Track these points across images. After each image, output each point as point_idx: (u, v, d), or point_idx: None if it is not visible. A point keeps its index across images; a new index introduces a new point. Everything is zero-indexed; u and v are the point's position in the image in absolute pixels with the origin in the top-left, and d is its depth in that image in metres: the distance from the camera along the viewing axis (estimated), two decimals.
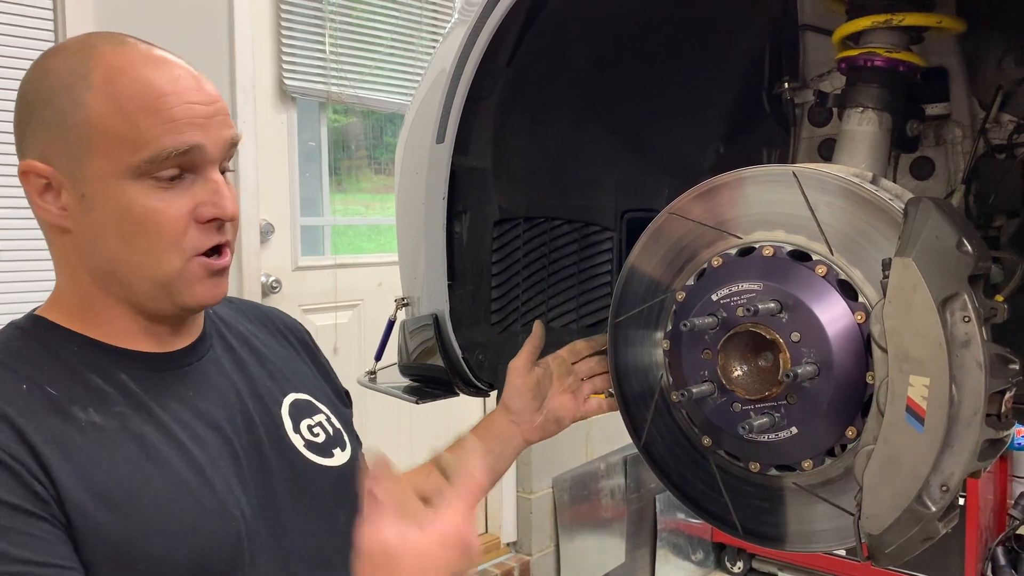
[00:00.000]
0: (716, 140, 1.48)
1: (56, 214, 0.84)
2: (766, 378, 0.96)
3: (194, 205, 0.84)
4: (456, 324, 1.33)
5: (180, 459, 0.83)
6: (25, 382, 0.80)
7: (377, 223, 3.33)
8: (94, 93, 0.81)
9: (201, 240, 0.85)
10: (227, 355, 0.97)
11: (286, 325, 1.11)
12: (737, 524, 1.04)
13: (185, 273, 0.84)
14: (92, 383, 0.83)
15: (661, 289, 1.08)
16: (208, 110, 0.84)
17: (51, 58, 0.86)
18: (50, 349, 0.84)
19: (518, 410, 1.21)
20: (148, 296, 0.85)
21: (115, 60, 0.82)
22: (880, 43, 1.09)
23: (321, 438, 1.00)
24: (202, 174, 0.84)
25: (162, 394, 0.87)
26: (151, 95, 0.81)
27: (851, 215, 0.93)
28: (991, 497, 3.44)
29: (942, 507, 0.84)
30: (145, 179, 0.81)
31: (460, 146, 1.28)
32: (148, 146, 0.80)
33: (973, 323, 0.82)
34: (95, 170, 0.81)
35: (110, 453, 0.79)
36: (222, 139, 0.85)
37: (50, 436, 0.77)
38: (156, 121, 0.80)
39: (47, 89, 0.83)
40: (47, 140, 0.83)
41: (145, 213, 0.81)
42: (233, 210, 0.86)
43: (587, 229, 1.49)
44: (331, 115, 3.05)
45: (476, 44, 1.23)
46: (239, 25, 2.51)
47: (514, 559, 3.40)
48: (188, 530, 0.80)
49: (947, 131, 1.21)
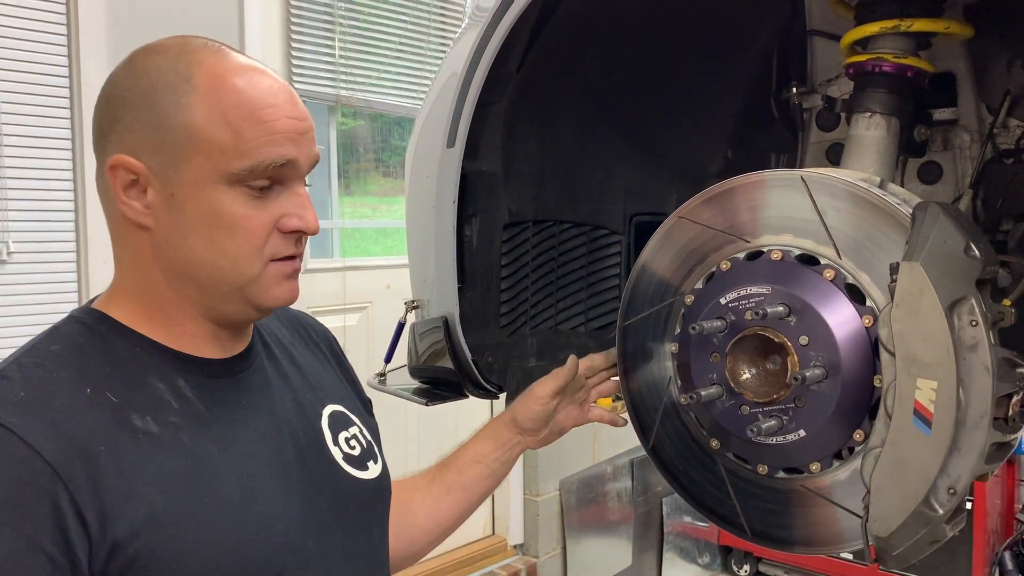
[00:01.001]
0: (725, 144, 1.49)
1: (139, 211, 0.83)
2: (774, 381, 0.97)
3: (280, 215, 0.85)
4: (466, 327, 1.34)
5: (228, 473, 0.84)
6: (90, 385, 0.80)
7: (385, 226, 3.34)
8: (197, 96, 0.81)
9: (279, 248, 0.86)
10: (272, 364, 0.97)
11: (316, 331, 1.11)
12: (745, 526, 1.05)
13: (263, 277, 0.86)
14: (151, 388, 0.83)
15: (670, 292, 1.08)
16: (303, 126, 0.86)
17: (150, 56, 0.84)
18: (113, 349, 0.84)
19: (527, 428, 1.22)
20: (223, 298, 0.86)
21: (218, 67, 0.83)
22: (888, 48, 1.09)
23: (357, 451, 1.00)
24: (289, 186, 0.86)
25: (216, 402, 0.87)
26: (254, 105, 0.82)
27: (859, 219, 0.93)
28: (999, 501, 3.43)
29: (949, 510, 0.85)
30: (239, 186, 0.82)
31: (470, 150, 1.29)
32: (249, 156, 0.81)
33: (981, 327, 0.82)
34: (190, 173, 0.82)
35: (161, 468, 0.79)
36: (312, 155, 0.87)
37: (109, 448, 0.77)
38: (259, 132, 0.82)
39: (147, 87, 0.82)
40: (142, 138, 0.82)
41: (235, 219, 0.83)
42: (316, 225, 0.88)
43: (596, 232, 1.50)
44: (340, 118, 3.07)
45: (487, 49, 1.24)
46: (249, 28, 2.53)
47: (521, 561, 3.40)
48: (233, 549, 0.81)
49: (955, 136, 1.21)
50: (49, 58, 2.15)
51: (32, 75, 2.13)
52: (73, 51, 2.18)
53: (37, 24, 2.13)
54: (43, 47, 2.14)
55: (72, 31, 2.18)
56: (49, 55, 2.16)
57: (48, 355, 0.81)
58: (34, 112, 2.14)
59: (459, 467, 1.20)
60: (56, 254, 2.20)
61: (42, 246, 2.18)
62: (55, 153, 2.17)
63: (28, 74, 2.11)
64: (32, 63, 2.12)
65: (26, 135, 2.13)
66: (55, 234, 2.20)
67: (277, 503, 0.86)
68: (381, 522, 1.02)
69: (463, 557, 3.30)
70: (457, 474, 1.20)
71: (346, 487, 0.96)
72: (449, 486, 1.19)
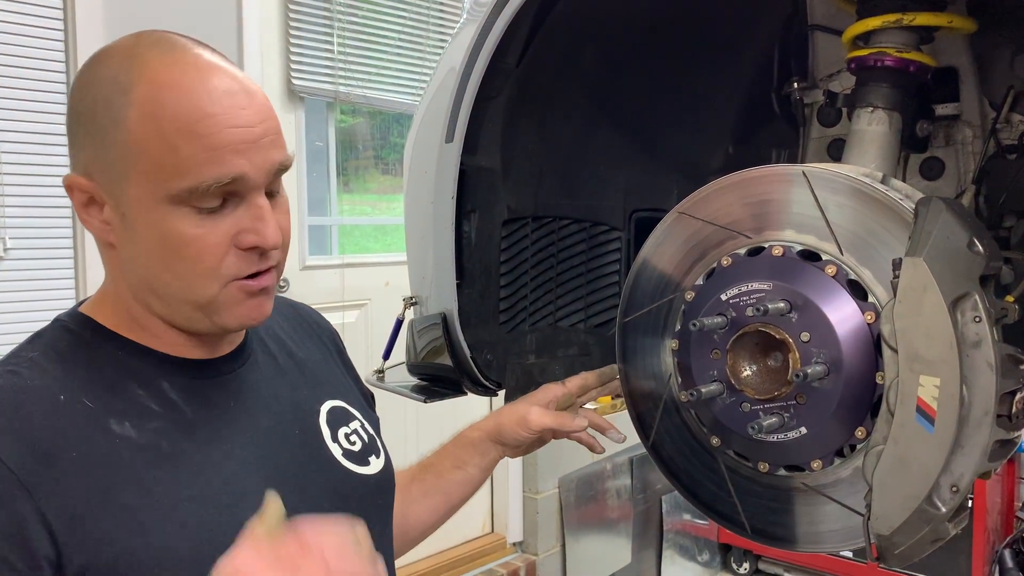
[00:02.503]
0: (725, 140, 1.48)
1: (100, 228, 0.82)
2: (775, 378, 0.96)
3: (236, 231, 0.80)
4: (464, 323, 1.33)
5: (213, 475, 0.82)
6: (64, 392, 0.79)
7: (384, 223, 3.33)
8: (135, 111, 0.76)
9: (239, 267, 0.81)
10: (267, 361, 0.96)
11: (318, 324, 1.09)
12: (746, 524, 1.04)
13: (223, 297, 0.82)
14: (132, 393, 0.82)
15: (670, 288, 1.08)
16: (254, 132, 0.78)
17: (97, 66, 0.81)
18: (95, 355, 0.83)
19: (510, 446, 1.21)
20: (186, 318, 0.84)
21: (160, 72, 0.77)
22: (890, 43, 1.08)
23: (357, 446, 0.99)
24: (247, 198, 0.80)
25: (201, 403, 0.85)
26: (193, 117, 0.76)
27: (861, 215, 0.92)
28: (999, 499, 3.43)
29: (952, 508, 0.84)
30: (184, 206, 0.78)
31: (469, 145, 1.28)
32: (188, 175, 0.76)
33: (984, 323, 0.81)
34: (134, 192, 0.78)
35: (140, 472, 0.78)
36: (268, 163, 0.80)
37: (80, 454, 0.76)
38: (197, 148, 0.76)
39: (91, 101, 0.79)
40: (91, 154, 0.80)
41: (183, 240, 0.78)
42: (275, 239, 0.81)
43: (596, 229, 1.49)
44: (339, 115, 3.06)
45: (486, 43, 1.23)
46: (247, 24, 2.51)
47: (520, 559, 3.40)
48: (217, 550, 0.78)
49: (957, 131, 1.21)
50: (46, 54, 2.14)
51: (28, 71, 2.12)
52: (70, 47, 2.17)
53: (33, 20, 2.12)
54: (39, 42, 2.13)
55: (69, 26, 2.17)
56: (46, 51, 2.14)
57: (25, 362, 0.81)
58: (30, 108, 2.12)
59: (438, 471, 1.20)
60: (53, 251, 2.20)
61: (39, 243, 2.17)
62: (52, 150, 2.16)
63: (25, 70, 2.10)
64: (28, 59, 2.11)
65: (23, 131, 2.12)
66: (52, 231, 2.19)
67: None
68: (385, 516, 1.01)
69: (462, 555, 3.29)
70: (436, 478, 1.19)
71: (346, 483, 0.95)
72: (427, 489, 1.18)
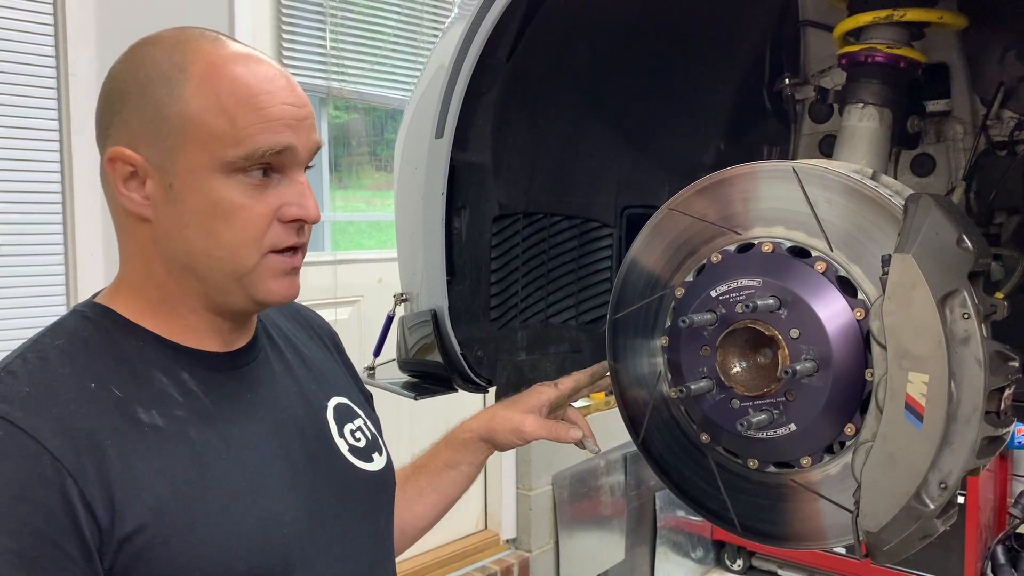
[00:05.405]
0: (717, 136, 1.48)
1: (139, 203, 0.84)
2: (765, 375, 0.96)
3: (279, 204, 0.84)
4: (455, 320, 1.33)
5: (234, 466, 0.84)
6: (94, 380, 0.80)
7: (378, 219, 3.33)
8: (192, 85, 0.81)
9: (280, 238, 0.85)
10: (276, 356, 0.97)
11: (319, 325, 1.11)
12: (735, 521, 1.04)
13: (260, 268, 0.85)
14: (155, 382, 0.83)
15: (660, 285, 1.07)
16: (301, 112, 0.85)
17: (146, 48, 0.85)
18: (116, 344, 0.84)
19: (500, 447, 1.22)
20: (222, 289, 0.85)
21: (213, 55, 0.83)
22: (881, 39, 1.08)
23: (362, 443, 1.00)
24: (288, 175, 0.85)
25: (221, 395, 0.87)
26: (249, 93, 0.82)
27: (851, 211, 0.92)
28: (991, 496, 3.44)
29: (940, 504, 0.84)
30: (236, 175, 0.82)
31: (459, 141, 1.28)
32: (244, 143, 0.81)
33: (973, 320, 0.81)
34: (186, 162, 0.81)
35: (168, 461, 0.80)
36: (311, 142, 0.86)
37: (115, 442, 0.77)
38: (254, 119, 0.81)
39: (143, 78, 0.82)
40: (139, 129, 0.82)
41: (233, 208, 0.82)
42: (317, 213, 0.86)
43: (587, 225, 1.49)
44: (332, 111, 3.05)
45: (475, 39, 1.22)
46: (240, 20, 2.50)
47: (514, 556, 3.40)
48: (242, 541, 0.81)
49: (948, 128, 1.21)
50: (36, 48, 2.13)
51: (19, 66, 2.10)
52: (60, 42, 2.16)
53: (24, 14, 2.11)
54: (30, 37, 2.12)
55: (59, 21, 2.15)
56: (36, 45, 2.13)
57: (52, 350, 0.81)
58: (21, 103, 2.11)
59: (431, 471, 1.21)
60: (44, 246, 2.19)
61: (30, 238, 2.16)
62: (42, 144, 2.15)
63: (15, 64, 2.09)
64: (19, 53, 2.10)
65: (13, 127, 2.10)
66: (43, 226, 2.18)
67: (283, 495, 0.87)
68: (387, 513, 1.03)
69: (456, 552, 3.30)
70: (430, 477, 1.20)
71: (352, 479, 0.96)
72: (422, 488, 1.20)
